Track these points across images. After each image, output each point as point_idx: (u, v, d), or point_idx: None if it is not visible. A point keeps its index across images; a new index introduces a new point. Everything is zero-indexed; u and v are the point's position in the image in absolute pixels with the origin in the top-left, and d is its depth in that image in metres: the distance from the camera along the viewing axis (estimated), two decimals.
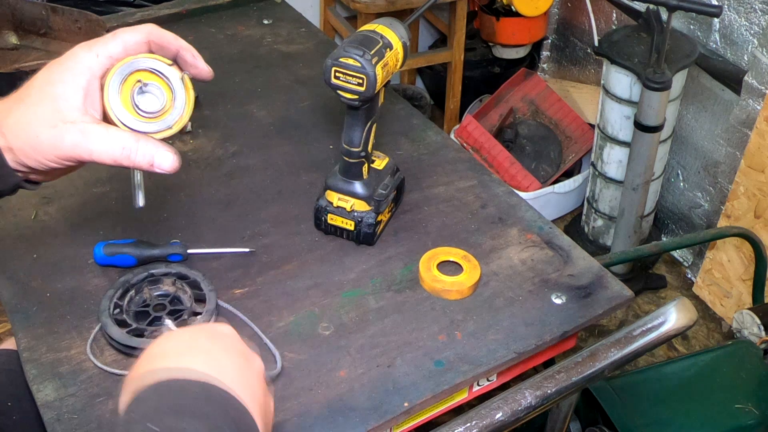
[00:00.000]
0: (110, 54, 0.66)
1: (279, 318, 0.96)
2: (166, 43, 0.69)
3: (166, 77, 0.69)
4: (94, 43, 0.67)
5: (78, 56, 0.66)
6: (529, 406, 0.83)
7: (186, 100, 0.71)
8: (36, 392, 0.85)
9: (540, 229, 1.11)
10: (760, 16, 1.96)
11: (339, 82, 0.95)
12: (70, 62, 0.66)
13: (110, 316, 0.91)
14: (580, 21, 2.73)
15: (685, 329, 0.91)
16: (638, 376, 1.41)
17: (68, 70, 0.65)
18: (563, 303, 0.99)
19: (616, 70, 2.03)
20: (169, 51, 0.70)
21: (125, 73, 0.68)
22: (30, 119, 0.65)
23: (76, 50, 0.67)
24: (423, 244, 1.07)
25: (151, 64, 0.68)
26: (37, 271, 1.01)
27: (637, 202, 2.08)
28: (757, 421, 1.33)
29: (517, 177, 2.41)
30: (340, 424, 0.84)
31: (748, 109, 2.03)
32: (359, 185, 1.05)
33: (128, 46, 0.67)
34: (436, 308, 0.98)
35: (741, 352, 1.48)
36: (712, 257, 2.17)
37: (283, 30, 1.61)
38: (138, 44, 0.68)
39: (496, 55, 2.74)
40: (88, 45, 0.67)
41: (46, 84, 0.65)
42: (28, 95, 0.66)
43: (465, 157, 1.26)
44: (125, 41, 0.67)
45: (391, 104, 1.38)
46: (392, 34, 0.98)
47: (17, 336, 0.92)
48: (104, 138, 0.66)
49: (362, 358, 0.91)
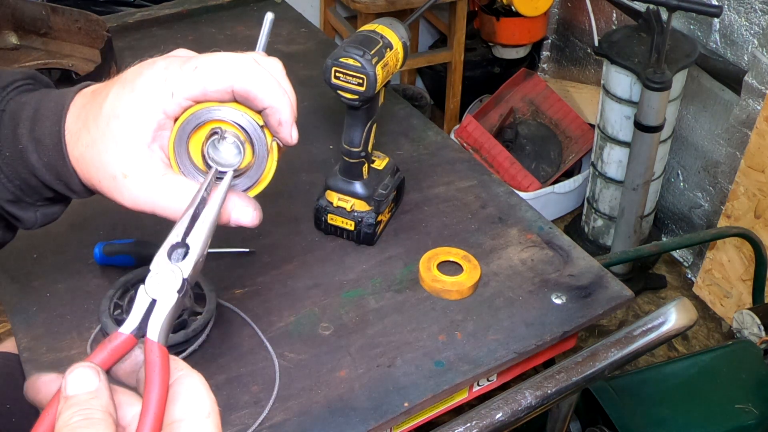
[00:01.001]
0: (188, 97, 0.54)
1: (279, 318, 0.96)
2: (252, 98, 0.54)
3: (251, 136, 0.55)
4: (170, 75, 0.54)
5: (152, 89, 0.54)
6: (529, 406, 0.83)
7: (267, 168, 0.56)
8: None
9: (540, 229, 1.11)
10: (760, 16, 1.96)
11: (339, 82, 0.95)
12: (142, 94, 0.55)
13: (110, 316, 0.91)
14: (580, 21, 2.73)
15: (685, 329, 0.91)
16: (638, 376, 1.41)
17: (139, 105, 0.54)
18: (563, 303, 0.99)
19: (616, 70, 2.03)
20: (254, 105, 0.55)
21: (203, 119, 0.55)
22: (93, 158, 0.56)
23: (149, 77, 0.55)
24: (423, 244, 1.07)
25: (237, 119, 0.54)
26: (37, 271, 1.01)
27: (637, 202, 2.08)
28: (757, 421, 1.33)
29: (517, 177, 2.41)
30: (340, 424, 0.84)
31: (748, 109, 2.03)
32: (359, 185, 1.05)
33: (209, 93, 0.54)
34: (436, 308, 0.98)
35: (741, 352, 1.48)
36: (712, 257, 2.17)
37: (283, 30, 1.60)
38: (220, 93, 0.54)
39: (496, 55, 2.74)
40: (163, 76, 0.54)
41: (113, 115, 0.55)
42: (96, 119, 0.56)
43: (465, 157, 1.26)
44: (206, 87, 0.54)
45: (391, 104, 1.38)
46: (392, 34, 0.98)
47: (17, 336, 0.92)
48: (169, 196, 0.55)
49: (362, 358, 0.91)
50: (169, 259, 0.49)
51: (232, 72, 0.53)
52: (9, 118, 0.59)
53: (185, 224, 0.51)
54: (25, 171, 0.58)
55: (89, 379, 0.44)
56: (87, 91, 0.59)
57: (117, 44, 1.42)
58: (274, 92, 0.54)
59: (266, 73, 0.55)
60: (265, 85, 0.54)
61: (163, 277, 0.48)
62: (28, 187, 0.60)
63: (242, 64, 0.54)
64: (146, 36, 1.57)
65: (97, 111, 0.56)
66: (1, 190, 0.59)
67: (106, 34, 1.33)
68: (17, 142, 0.58)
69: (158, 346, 0.46)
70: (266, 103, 0.54)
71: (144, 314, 0.47)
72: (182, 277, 0.49)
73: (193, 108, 0.55)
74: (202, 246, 0.51)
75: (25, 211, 0.61)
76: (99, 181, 0.56)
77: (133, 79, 0.55)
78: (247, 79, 0.54)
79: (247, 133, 0.55)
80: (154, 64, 0.56)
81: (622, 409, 1.30)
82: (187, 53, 0.58)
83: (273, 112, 0.55)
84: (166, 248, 0.50)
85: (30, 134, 0.58)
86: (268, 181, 0.57)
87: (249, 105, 0.55)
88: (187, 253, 0.50)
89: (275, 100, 0.54)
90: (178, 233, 0.51)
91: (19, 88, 0.61)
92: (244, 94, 0.54)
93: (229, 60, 0.54)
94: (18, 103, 0.59)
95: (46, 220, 0.63)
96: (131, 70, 0.57)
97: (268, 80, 0.54)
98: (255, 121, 0.55)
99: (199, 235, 0.51)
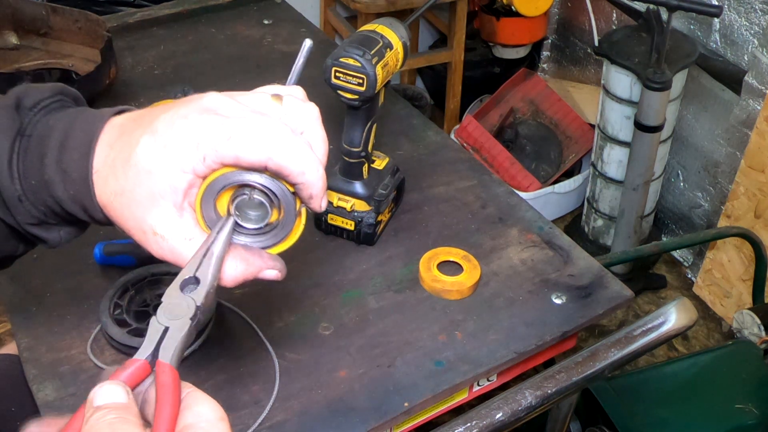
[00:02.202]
0: (221, 161, 0.52)
1: (279, 318, 0.96)
2: (286, 174, 0.52)
3: (280, 201, 0.54)
4: (202, 140, 0.52)
5: (184, 150, 0.52)
6: (529, 406, 0.83)
7: (294, 229, 0.55)
8: (36, 392, 0.85)
9: (540, 229, 1.11)
10: (760, 16, 1.96)
11: (339, 82, 0.95)
12: (175, 153, 0.52)
13: (110, 316, 0.91)
14: (580, 21, 2.73)
15: (685, 329, 0.91)
16: (638, 376, 1.41)
17: (171, 165, 0.52)
18: (563, 303, 0.99)
19: (616, 70, 2.03)
20: (287, 179, 0.53)
21: (232, 180, 0.53)
22: (123, 209, 0.55)
23: (181, 136, 0.52)
24: (423, 244, 1.07)
25: (268, 184, 0.53)
26: (37, 271, 1.01)
27: (637, 202, 2.08)
28: (757, 421, 1.33)
29: (517, 177, 2.41)
30: (340, 424, 0.84)
31: (748, 109, 2.03)
32: (359, 185, 1.05)
33: (242, 163, 0.52)
34: (436, 308, 0.98)
35: (741, 352, 1.48)
36: (712, 257, 2.17)
37: (283, 30, 1.60)
38: (253, 165, 0.52)
39: (496, 55, 2.74)
40: (195, 139, 0.52)
41: (144, 169, 0.53)
42: (125, 168, 0.54)
43: (465, 157, 1.26)
44: (240, 158, 0.51)
45: (391, 104, 1.38)
46: (392, 34, 0.98)
47: (17, 336, 0.92)
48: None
49: (362, 358, 0.91)
50: (181, 292, 0.51)
51: (268, 147, 0.51)
52: (36, 144, 0.57)
53: (198, 261, 0.52)
54: (50, 200, 0.57)
55: (118, 393, 0.44)
56: (116, 123, 0.57)
57: (117, 44, 1.42)
58: (308, 168, 0.52)
59: (302, 148, 0.52)
60: (300, 162, 0.52)
61: (176, 306, 0.50)
62: (52, 213, 0.59)
63: (278, 137, 0.52)
64: (146, 36, 1.57)
65: (126, 157, 0.54)
66: (25, 215, 0.58)
67: (106, 34, 1.33)
68: (43, 173, 0.56)
69: (170, 367, 0.46)
70: (299, 180, 0.52)
71: (157, 342, 0.48)
72: (195, 305, 0.50)
73: (223, 169, 0.53)
74: (212, 277, 0.52)
75: (50, 232, 0.60)
76: (128, 229, 0.56)
77: (164, 132, 0.53)
78: (283, 155, 0.51)
79: (277, 197, 0.54)
80: (186, 118, 0.53)
81: (622, 409, 1.30)
82: (220, 105, 0.55)
83: (305, 187, 0.53)
84: (179, 282, 0.51)
85: (57, 165, 0.56)
86: (294, 241, 0.56)
87: (282, 177, 0.53)
88: (199, 285, 0.51)
89: (308, 177, 0.52)
90: (191, 269, 0.52)
91: (46, 108, 0.59)
92: (278, 170, 0.52)
93: (265, 132, 0.52)
94: (46, 126, 0.58)
95: (70, 237, 0.62)
96: (162, 119, 0.54)
97: (303, 156, 0.52)
98: (286, 188, 0.53)
99: (209, 268, 0.52)
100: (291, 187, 0.54)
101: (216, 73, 1.44)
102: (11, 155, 0.57)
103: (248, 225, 0.55)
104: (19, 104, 0.59)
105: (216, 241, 0.54)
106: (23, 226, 0.59)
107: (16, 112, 0.58)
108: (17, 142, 0.57)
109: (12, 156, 0.57)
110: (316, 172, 0.53)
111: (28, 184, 0.57)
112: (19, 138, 0.58)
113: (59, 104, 0.60)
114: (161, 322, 0.49)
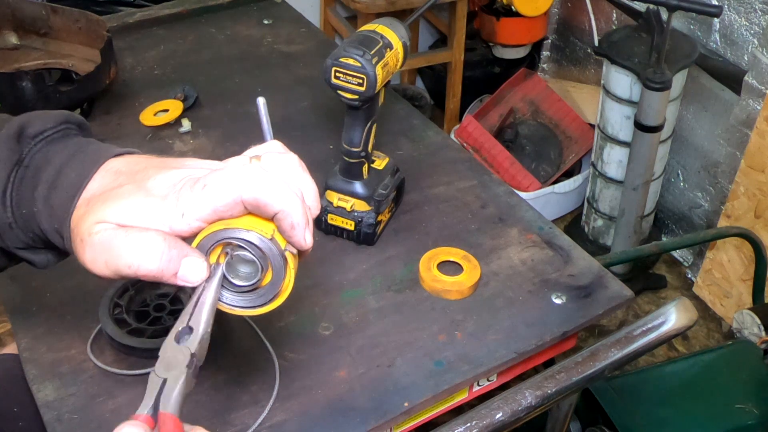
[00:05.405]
0: (199, 218, 0.53)
1: (279, 318, 0.96)
2: (261, 205, 0.52)
3: (262, 252, 0.54)
4: (181, 195, 0.53)
5: (163, 211, 0.53)
6: (529, 406, 0.83)
7: (285, 278, 0.56)
8: (36, 392, 0.85)
9: (540, 229, 1.11)
10: (760, 16, 1.96)
11: (339, 82, 0.95)
12: (149, 211, 0.53)
13: (110, 316, 0.91)
14: (580, 21, 2.73)
15: (685, 329, 0.91)
16: (638, 376, 1.41)
17: (147, 219, 0.53)
18: (563, 303, 0.99)
19: (616, 70, 2.03)
20: (265, 212, 0.53)
21: (211, 243, 0.54)
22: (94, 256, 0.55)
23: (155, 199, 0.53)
24: (423, 244, 1.07)
25: (243, 236, 0.54)
26: (37, 271, 1.00)
27: (637, 202, 2.08)
28: (757, 421, 1.33)
29: (517, 177, 2.41)
30: (340, 424, 0.84)
31: (748, 109, 2.03)
32: (359, 185, 1.05)
33: (219, 209, 0.52)
34: (436, 308, 0.98)
35: (741, 352, 1.48)
36: (712, 257, 2.17)
37: (283, 30, 1.60)
38: (230, 207, 0.53)
39: (496, 55, 2.74)
40: (175, 196, 0.53)
41: (119, 228, 0.54)
42: (105, 203, 0.55)
43: (465, 157, 1.26)
44: (216, 205, 0.52)
45: (391, 104, 1.38)
46: (392, 34, 0.98)
47: (17, 336, 0.92)
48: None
49: (362, 358, 0.91)
50: (177, 343, 0.52)
51: (238, 184, 0.52)
52: (31, 175, 0.58)
53: (189, 313, 0.54)
54: (37, 229, 0.59)
55: None
56: (111, 168, 0.57)
57: (117, 44, 1.42)
58: (282, 196, 0.53)
59: (272, 178, 0.53)
60: (270, 191, 0.52)
61: (172, 358, 0.51)
62: (39, 240, 0.60)
63: (248, 174, 0.52)
64: (146, 36, 1.57)
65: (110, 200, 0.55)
66: (14, 240, 0.60)
67: (106, 34, 1.33)
68: (33, 204, 0.58)
69: (170, 417, 0.48)
70: (276, 208, 0.53)
71: (156, 394, 0.49)
72: (190, 353, 0.52)
73: (205, 231, 0.54)
74: (205, 324, 0.53)
75: (37, 255, 0.63)
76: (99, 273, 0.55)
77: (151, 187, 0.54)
78: (252, 188, 0.52)
79: (259, 248, 0.54)
80: (169, 171, 0.55)
81: (622, 409, 1.30)
82: (201, 169, 0.56)
83: (284, 216, 0.53)
84: (173, 335, 0.52)
85: (45, 201, 0.57)
86: (289, 291, 0.56)
87: (260, 213, 0.54)
88: (192, 333, 0.53)
89: (284, 204, 0.53)
90: (183, 320, 0.53)
91: (47, 138, 0.60)
92: (253, 203, 0.52)
93: (235, 172, 0.53)
94: (44, 158, 0.59)
95: (58, 260, 0.64)
96: (151, 166, 0.56)
97: (273, 185, 0.52)
98: (263, 236, 0.54)
99: (201, 316, 0.54)
100: (270, 230, 0.54)
101: (216, 73, 1.44)
102: (6, 185, 0.59)
103: (238, 282, 0.56)
104: (22, 132, 0.60)
105: (206, 290, 0.55)
106: (12, 250, 0.61)
107: (17, 141, 0.59)
108: (14, 171, 0.59)
109: (7, 186, 0.59)
110: (291, 199, 0.53)
111: (20, 212, 0.59)
112: (16, 168, 0.59)
113: (62, 134, 0.61)
114: (159, 374, 0.50)
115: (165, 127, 1.28)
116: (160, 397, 0.49)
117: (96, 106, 1.33)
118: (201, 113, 1.32)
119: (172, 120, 1.29)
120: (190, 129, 1.28)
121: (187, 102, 1.33)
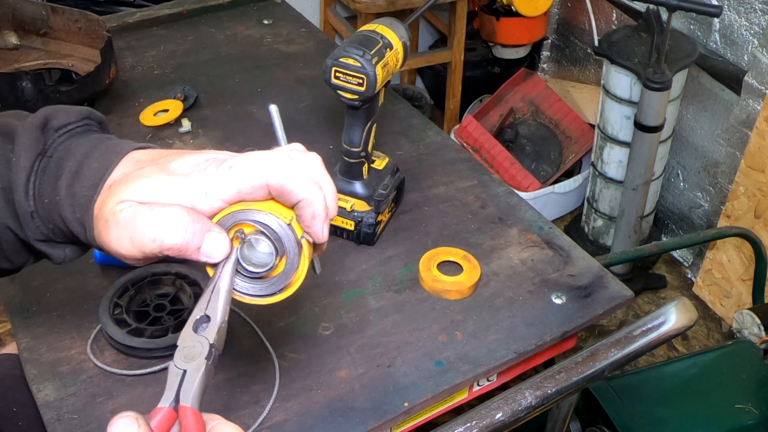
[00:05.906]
0: (222, 198, 0.54)
1: (279, 318, 0.96)
2: (286, 192, 0.54)
3: (278, 237, 0.55)
4: (206, 174, 0.54)
5: (186, 189, 0.54)
6: (529, 406, 0.83)
7: (299, 267, 0.56)
8: (36, 392, 0.85)
9: (540, 229, 1.11)
10: (760, 16, 1.96)
11: (339, 82, 0.95)
12: (172, 188, 0.54)
13: (110, 316, 0.91)
14: (580, 21, 2.73)
15: (685, 329, 0.91)
16: (638, 376, 1.41)
17: (170, 195, 0.54)
18: (563, 303, 0.99)
19: (616, 70, 2.03)
20: (288, 199, 0.54)
21: (228, 224, 0.55)
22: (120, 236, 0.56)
23: (186, 166, 0.55)
24: (423, 244, 1.07)
25: (264, 219, 0.54)
26: (37, 271, 1.01)
27: (637, 202, 2.08)
28: (757, 421, 1.33)
29: (517, 177, 2.41)
30: (340, 424, 0.84)
31: (748, 109, 2.03)
32: (359, 185, 1.05)
33: (243, 191, 0.54)
34: (436, 308, 0.98)
35: (741, 352, 1.48)
36: (712, 257, 2.17)
37: (283, 30, 1.61)
38: (255, 189, 0.54)
39: (496, 55, 2.74)
40: (200, 174, 0.54)
41: (142, 204, 0.54)
42: (127, 185, 0.56)
43: (465, 157, 1.26)
44: (240, 186, 0.54)
45: (391, 104, 1.38)
46: (392, 34, 0.98)
47: (17, 336, 0.92)
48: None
49: (362, 358, 0.91)
50: (195, 332, 0.52)
51: (266, 168, 0.54)
52: (54, 166, 0.60)
53: (206, 300, 0.54)
54: (58, 219, 0.59)
55: (131, 425, 0.46)
56: (133, 158, 0.59)
57: (117, 44, 1.42)
58: (307, 185, 0.54)
59: (299, 167, 0.55)
60: (297, 179, 0.54)
61: (190, 348, 0.51)
62: (60, 231, 0.61)
63: (276, 160, 0.54)
64: (146, 36, 1.57)
65: (134, 182, 0.56)
66: (35, 231, 0.61)
67: (106, 34, 1.33)
68: (56, 193, 0.59)
69: (191, 410, 0.48)
70: (299, 196, 0.54)
71: (177, 386, 0.49)
72: (208, 343, 0.51)
73: (223, 211, 0.55)
74: (222, 312, 0.53)
75: (55, 249, 0.63)
76: (123, 256, 0.57)
77: (164, 165, 0.56)
78: (279, 173, 0.54)
79: (276, 233, 0.55)
80: (192, 155, 0.57)
81: (622, 409, 1.30)
82: (225, 155, 0.57)
83: (306, 205, 0.55)
84: (191, 324, 0.53)
85: (68, 189, 0.58)
86: (301, 281, 0.57)
87: (283, 200, 0.55)
88: (209, 322, 0.53)
89: (308, 193, 0.54)
90: (201, 308, 0.53)
91: (70, 132, 0.61)
92: (278, 188, 0.54)
93: (264, 157, 0.54)
94: (66, 149, 0.60)
95: (74, 256, 0.64)
96: (177, 161, 0.56)
97: (300, 174, 0.54)
98: (282, 221, 0.54)
99: (217, 304, 0.53)
100: (289, 216, 0.55)
101: (216, 73, 1.44)
102: (30, 173, 0.59)
103: (251, 268, 0.56)
104: (47, 124, 0.61)
105: (221, 276, 0.55)
106: (32, 242, 0.61)
107: (42, 132, 0.60)
108: (38, 161, 0.60)
109: (31, 174, 0.59)
110: (315, 190, 0.55)
111: (42, 202, 0.60)
112: (40, 158, 0.60)
113: (84, 128, 0.62)
114: (179, 366, 0.50)
115: (165, 127, 1.28)
116: (180, 389, 0.49)
117: (96, 106, 1.33)
118: (201, 113, 1.33)
119: (172, 120, 1.29)
120: (190, 129, 1.28)
121: (187, 102, 1.33)
